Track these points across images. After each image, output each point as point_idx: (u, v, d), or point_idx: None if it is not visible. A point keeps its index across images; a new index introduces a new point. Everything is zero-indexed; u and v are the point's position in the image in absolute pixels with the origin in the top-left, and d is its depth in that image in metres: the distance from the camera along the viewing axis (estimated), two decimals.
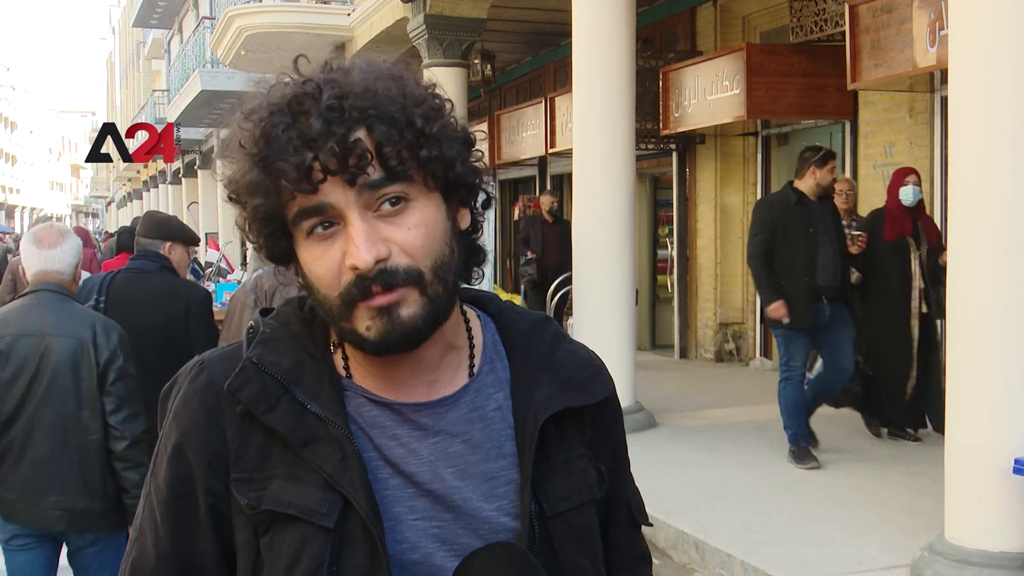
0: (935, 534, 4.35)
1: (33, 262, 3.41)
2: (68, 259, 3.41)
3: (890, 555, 4.61)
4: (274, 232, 1.07)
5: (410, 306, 1.05)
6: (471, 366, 1.17)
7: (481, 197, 1.16)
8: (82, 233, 11.07)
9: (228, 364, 1.13)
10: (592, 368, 1.23)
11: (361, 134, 1.02)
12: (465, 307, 1.21)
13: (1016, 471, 3.92)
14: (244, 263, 19.69)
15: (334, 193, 1.02)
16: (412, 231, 1.05)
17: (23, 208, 76.56)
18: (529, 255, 10.68)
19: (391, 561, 1.06)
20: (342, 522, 1.06)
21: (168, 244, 4.38)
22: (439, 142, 1.07)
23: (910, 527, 4.92)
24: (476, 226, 1.15)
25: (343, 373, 1.14)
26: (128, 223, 16.55)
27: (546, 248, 10.61)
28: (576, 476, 1.17)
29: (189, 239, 4.49)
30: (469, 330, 1.19)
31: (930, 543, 4.31)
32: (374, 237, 1.03)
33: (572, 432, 1.18)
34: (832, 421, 7.57)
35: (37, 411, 3.28)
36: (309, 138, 1.01)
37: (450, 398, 1.14)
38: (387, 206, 1.04)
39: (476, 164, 1.13)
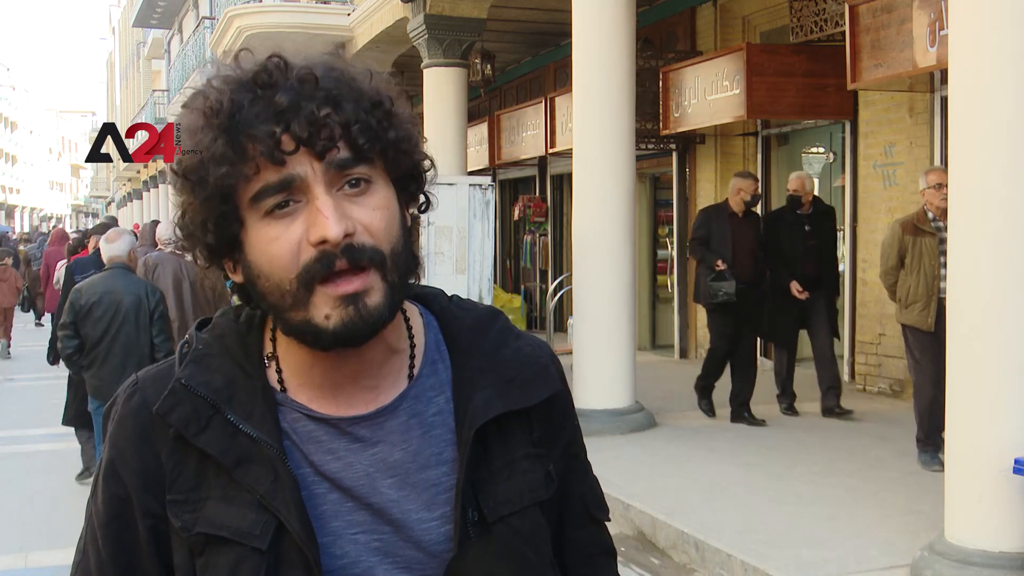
0: (935, 534, 4.35)
1: (105, 252, 6.21)
2: (124, 248, 6.14)
3: (890, 555, 4.61)
4: (227, 214, 1.03)
5: (375, 295, 1.03)
6: (411, 370, 1.14)
7: (422, 200, 1.15)
8: (61, 234, 13.93)
9: (161, 384, 1.10)
10: (537, 366, 1.18)
11: (330, 110, 1.02)
12: (407, 305, 1.18)
13: (1016, 471, 3.93)
14: None
15: (301, 166, 1.01)
16: (376, 212, 1.04)
17: (23, 208, 76.57)
18: (719, 265, 7.45)
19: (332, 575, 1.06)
20: (276, 543, 1.04)
21: None
22: (404, 125, 1.08)
23: (910, 527, 4.92)
24: (414, 230, 1.14)
25: (277, 387, 1.11)
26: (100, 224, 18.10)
27: (735, 253, 7.52)
28: (518, 479, 1.13)
29: None
30: (410, 331, 1.16)
31: (930, 543, 4.31)
32: (341, 212, 1.01)
33: (517, 433, 1.15)
34: (830, 421, 7.57)
35: (114, 336, 5.88)
36: (278, 110, 1.00)
37: (387, 408, 1.11)
38: (347, 187, 1.03)
39: (426, 159, 1.13)
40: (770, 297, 7.70)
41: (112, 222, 17.10)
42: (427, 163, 1.13)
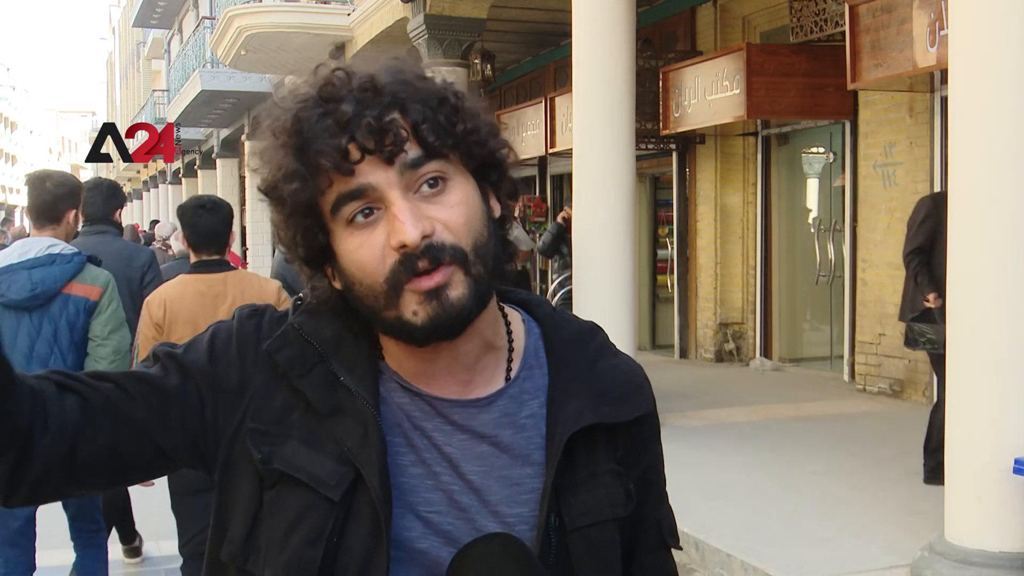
0: (935, 534, 4.35)
1: (176, 248, 7.62)
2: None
3: (890, 555, 4.61)
4: (311, 227, 1.07)
5: (457, 287, 1.05)
6: (508, 370, 1.16)
7: (508, 187, 1.15)
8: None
9: (276, 325, 1.15)
10: (631, 385, 1.20)
11: (396, 115, 1.04)
12: (508, 308, 1.20)
13: (1016, 471, 3.92)
14: (244, 263, 19.68)
15: (374, 175, 1.03)
16: (454, 209, 1.06)
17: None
18: (928, 302, 5.48)
19: (395, 543, 1.06)
20: (350, 496, 1.06)
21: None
22: (473, 117, 1.09)
23: (910, 527, 4.91)
24: (506, 219, 1.15)
25: (380, 358, 1.14)
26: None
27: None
28: (600, 492, 1.15)
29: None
30: (509, 331, 1.17)
31: (930, 543, 4.31)
32: (418, 214, 1.03)
33: (602, 447, 1.16)
34: (830, 421, 7.57)
35: None
36: (343, 121, 1.02)
37: (483, 400, 1.13)
38: (426, 188, 1.05)
39: (504, 146, 1.14)
40: None
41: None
42: (504, 150, 1.13)
